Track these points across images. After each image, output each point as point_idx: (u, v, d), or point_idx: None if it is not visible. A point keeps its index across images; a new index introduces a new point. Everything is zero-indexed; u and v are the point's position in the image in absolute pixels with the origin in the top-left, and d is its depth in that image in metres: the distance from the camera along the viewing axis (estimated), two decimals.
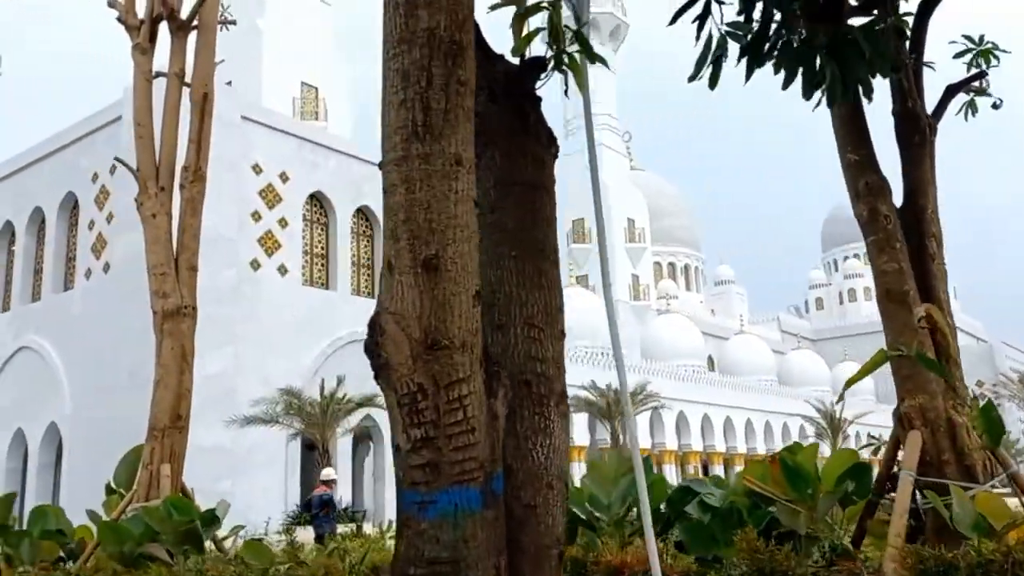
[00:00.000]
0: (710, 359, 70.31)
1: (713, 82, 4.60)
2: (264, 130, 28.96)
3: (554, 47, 3.97)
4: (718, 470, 46.94)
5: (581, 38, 3.86)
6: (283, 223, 29.03)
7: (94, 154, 28.66)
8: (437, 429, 2.71)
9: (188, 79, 8.90)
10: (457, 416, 2.72)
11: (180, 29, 8.88)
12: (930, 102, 6.58)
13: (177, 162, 8.81)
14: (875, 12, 5.30)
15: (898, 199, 6.50)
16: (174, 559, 6.95)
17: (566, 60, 3.94)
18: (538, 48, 4.05)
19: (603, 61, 3.89)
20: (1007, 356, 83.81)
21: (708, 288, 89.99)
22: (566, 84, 4.06)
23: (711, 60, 4.55)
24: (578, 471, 41.84)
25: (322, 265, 30.79)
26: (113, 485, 8.60)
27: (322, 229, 31.07)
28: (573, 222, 65.12)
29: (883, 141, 6.59)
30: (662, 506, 6.60)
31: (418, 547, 2.73)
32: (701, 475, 41.59)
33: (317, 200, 30.87)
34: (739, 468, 49.47)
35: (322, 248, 30.92)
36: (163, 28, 8.97)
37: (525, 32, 3.80)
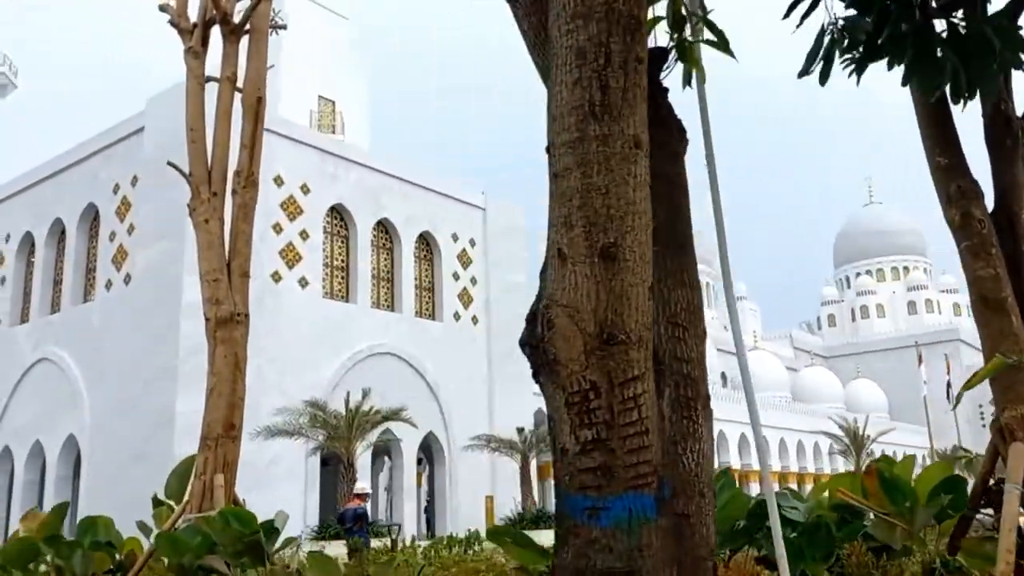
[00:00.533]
0: (723, 375, 69.96)
1: (824, 78, 4.44)
2: (286, 142, 28.92)
3: (674, 36, 3.82)
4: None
5: (710, 24, 3.70)
6: (304, 235, 28.94)
7: (115, 165, 28.68)
8: (610, 430, 2.53)
9: (240, 83, 8.77)
10: (631, 416, 2.55)
11: (232, 33, 8.78)
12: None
13: (228, 168, 8.68)
14: (961, 10, 5.14)
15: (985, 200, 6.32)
16: (231, 571, 6.76)
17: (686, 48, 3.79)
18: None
19: (730, 51, 3.73)
20: None
21: (720, 304, 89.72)
22: (687, 75, 3.90)
23: (822, 55, 4.39)
24: None
25: (342, 278, 30.67)
26: (162, 496, 8.40)
27: (342, 241, 30.97)
28: None
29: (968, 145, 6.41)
30: (740, 522, 6.39)
31: (589, 556, 2.54)
32: None
33: (337, 212, 30.80)
34: (755, 485, 49.10)
35: (342, 260, 30.81)
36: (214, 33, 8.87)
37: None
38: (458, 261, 34.50)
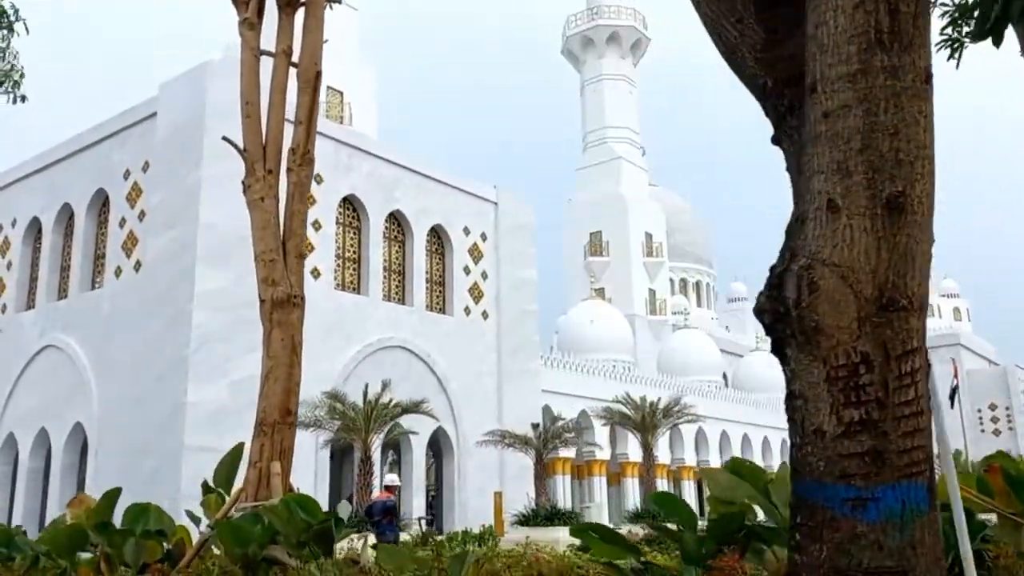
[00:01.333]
0: (723, 375, 69.74)
1: (998, 39, 4.11)
2: None
3: None
4: None
5: None
6: (317, 225, 28.54)
7: (127, 151, 28.24)
8: (883, 410, 2.21)
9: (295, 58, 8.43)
10: (908, 394, 2.23)
11: (288, 5, 8.44)
12: None
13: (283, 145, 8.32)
14: None
15: None
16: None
17: None
18: None
19: None
20: (1020, 379, 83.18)
21: (719, 305, 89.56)
22: None
23: (998, 11, 4.03)
24: (598, 485, 41.37)
25: (354, 270, 30.29)
26: (211, 483, 8.06)
27: (354, 233, 30.59)
28: (591, 235, 64.70)
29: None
30: None
31: (852, 554, 2.22)
32: None
33: (350, 203, 30.42)
34: None
35: (354, 252, 30.43)
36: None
37: None
38: (469, 256, 34.14)
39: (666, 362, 56.92)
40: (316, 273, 28.28)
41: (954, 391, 40.56)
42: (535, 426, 27.85)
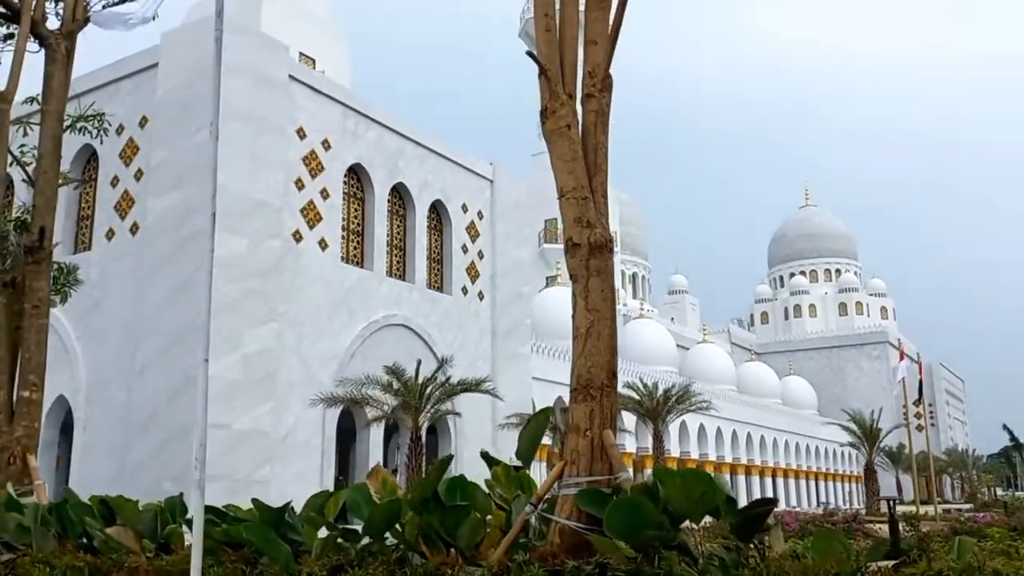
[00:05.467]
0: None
1: None
2: (310, 93, 27.02)
3: None
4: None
5: None
6: (324, 194, 27.12)
7: (119, 104, 26.09)
8: None
9: None
10: None
11: None
12: None
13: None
14: None
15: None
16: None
17: None
18: None
19: None
20: (943, 378, 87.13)
21: (658, 297, 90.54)
22: None
23: None
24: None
25: (358, 243, 28.93)
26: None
27: (358, 204, 29.21)
28: (546, 221, 64.27)
29: None
30: None
31: None
32: None
33: (355, 173, 29.02)
34: (741, 477, 49.43)
35: (358, 224, 29.06)
36: None
37: None
38: (467, 233, 33.14)
39: (622, 352, 57.08)
40: (323, 244, 26.89)
41: (920, 387, 41.70)
42: (563, 410, 27.09)
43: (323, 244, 26.84)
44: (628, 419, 38.07)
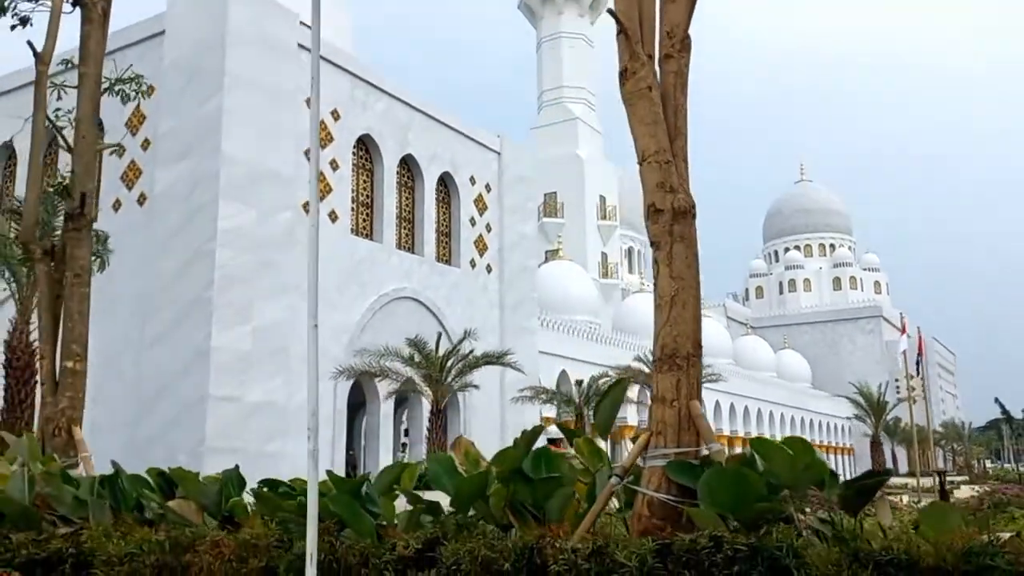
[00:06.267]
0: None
1: None
2: (320, 61, 26.54)
3: None
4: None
5: None
6: (334, 165, 26.77)
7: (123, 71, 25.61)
8: None
9: None
10: None
11: None
12: None
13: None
14: None
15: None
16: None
17: None
18: None
19: None
20: (935, 351, 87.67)
21: (651, 272, 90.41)
22: None
23: None
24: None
25: (367, 215, 28.62)
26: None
27: (367, 176, 28.86)
28: (545, 195, 63.89)
29: None
30: None
31: None
32: None
33: (364, 144, 28.64)
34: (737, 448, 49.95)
35: (367, 196, 28.73)
36: None
37: None
38: (475, 206, 32.85)
39: (620, 325, 56.99)
40: (334, 216, 26.60)
41: (919, 361, 41.92)
42: (579, 383, 27.05)
43: (333, 216, 26.54)
44: (631, 392, 38.01)
